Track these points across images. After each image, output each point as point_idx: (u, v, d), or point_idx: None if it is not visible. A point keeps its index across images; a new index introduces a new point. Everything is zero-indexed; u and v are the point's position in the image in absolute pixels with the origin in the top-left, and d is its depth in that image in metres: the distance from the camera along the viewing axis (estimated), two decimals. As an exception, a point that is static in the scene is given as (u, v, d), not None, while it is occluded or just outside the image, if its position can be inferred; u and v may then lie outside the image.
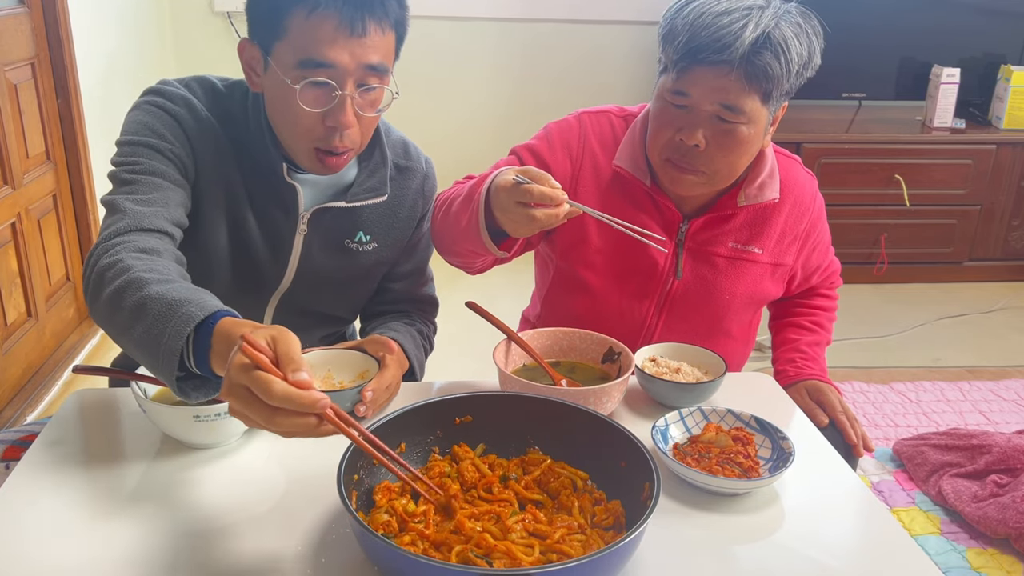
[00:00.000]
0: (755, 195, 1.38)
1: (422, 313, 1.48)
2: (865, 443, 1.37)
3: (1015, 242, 3.74)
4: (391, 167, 1.36)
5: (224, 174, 1.25)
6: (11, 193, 2.41)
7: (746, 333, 1.55)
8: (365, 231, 1.36)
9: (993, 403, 2.75)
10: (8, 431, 1.22)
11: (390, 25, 1.16)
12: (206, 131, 1.23)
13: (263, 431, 1.10)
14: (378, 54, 1.15)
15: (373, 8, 1.13)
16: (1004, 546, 2.01)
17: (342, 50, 1.13)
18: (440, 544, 0.89)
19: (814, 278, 1.55)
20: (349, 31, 1.11)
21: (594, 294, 1.44)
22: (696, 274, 1.42)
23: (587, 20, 4.00)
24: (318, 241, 1.33)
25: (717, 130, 1.27)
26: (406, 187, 1.39)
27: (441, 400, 1.04)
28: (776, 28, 1.21)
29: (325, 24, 1.11)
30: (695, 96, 1.26)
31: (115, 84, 3.09)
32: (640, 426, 1.18)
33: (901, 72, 3.76)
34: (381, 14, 1.14)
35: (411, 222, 1.41)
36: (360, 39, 1.13)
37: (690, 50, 1.23)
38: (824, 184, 3.60)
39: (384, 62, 1.17)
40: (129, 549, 0.92)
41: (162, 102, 1.22)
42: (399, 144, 1.40)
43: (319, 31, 1.11)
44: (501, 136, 3.76)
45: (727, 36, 1.20)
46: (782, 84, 1.25)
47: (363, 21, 1.12)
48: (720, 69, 1.22)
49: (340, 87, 1.14)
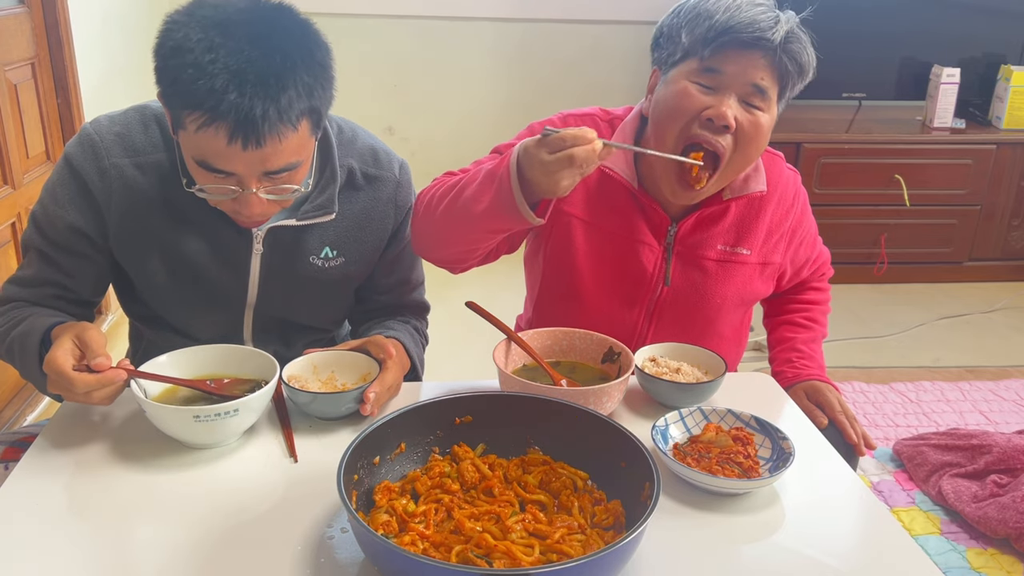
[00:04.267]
0: (740, 188, 1.38)
1: (413, 315, 1.46)
2: (866, 442, 1.37)
3: (1015, 242, 3.74)
4: (359, 176, 1.31)
5: (155, 209, 1.22)
6: (11, 193, 2.41)
7: (738, 333, 1.55)
8: (332, 246, 1.31)
9: (993, 403, 2.74)
10: (7, 432, 1.22)
11: (295, 123, 1.06)
12: (116, 181, 1.20)
13: (263, 431, 1.15)
14: (281, 158, 1.08)
15: (267, 119, 1.02)
16: (1004, 546, 2.01)
17: (236, 162, 1.06)
18: (440, 544, 0.89)
19: (804, 271, 1.55)
20: (241, 147, 1.04)
21: (583, 302, 1.44)
22: (686, 279, 1.42)
23: (585, 20, 4.00)
24: (278, 258, 1.29)
25: (741, 117, 1.26)
26: (375, 198, 1.33)
27: (441, 400, 1.04)
28: (798, 27, 1.26)
29: (216, 139, 1.03)
30: (729, 74, 1.24)
31: (115, 84, 3.09)
32: (640, 426, 1.18)
33: (901, 72, 3.76)
34: (277, 120, 1.03)
35: (382, 234, 1.36)
36: (257, 151, 1.05)
37: (730, 27, 1.23)
38: (824, 184, 3.61)
39: (292, 161, 1.10)
40: (129, 549, 0.92)
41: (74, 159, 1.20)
42: (367, 152, 1.33)
43: (211, 143, 1.04)
44: (498, 135, 3.75)
45: (767, 20, 1.23)
46: (798, 82, 1.28)
47: (256, 135, 1.03)
48: (757, 50, 1.24)
49: (241, 187, 1.10)
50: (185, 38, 1.02)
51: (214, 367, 1.18)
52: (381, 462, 1.00)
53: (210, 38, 1.01)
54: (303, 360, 1.21)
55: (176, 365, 1.16)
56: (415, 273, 1.46)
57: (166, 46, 1.04)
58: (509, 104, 4.14)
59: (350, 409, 1.16)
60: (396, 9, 3.91)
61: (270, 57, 1.03)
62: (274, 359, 1.15)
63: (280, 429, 1.15)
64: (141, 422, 1.12)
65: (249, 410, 1.09)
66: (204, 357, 1.18)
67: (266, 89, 1.02)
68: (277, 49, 1.04)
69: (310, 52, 1.08)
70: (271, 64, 1.02)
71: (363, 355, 1.23)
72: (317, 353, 1.23)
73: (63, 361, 1.03)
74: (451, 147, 4.19)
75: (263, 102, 1.02)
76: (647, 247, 1.39)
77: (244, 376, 1.18)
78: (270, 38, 1.04)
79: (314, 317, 1.40)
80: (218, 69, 1.00)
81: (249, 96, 1.01)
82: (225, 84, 1.00)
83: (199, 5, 1.05)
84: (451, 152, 4.21)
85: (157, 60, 1.05)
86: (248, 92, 1.01)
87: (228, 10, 1.04)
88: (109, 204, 1.22)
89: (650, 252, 1.40)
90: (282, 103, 1.03)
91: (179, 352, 1.17)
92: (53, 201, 1.22)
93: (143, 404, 1.07)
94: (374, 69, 4.01)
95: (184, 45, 1.02)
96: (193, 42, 1.01)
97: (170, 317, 1.34)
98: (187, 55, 1.01)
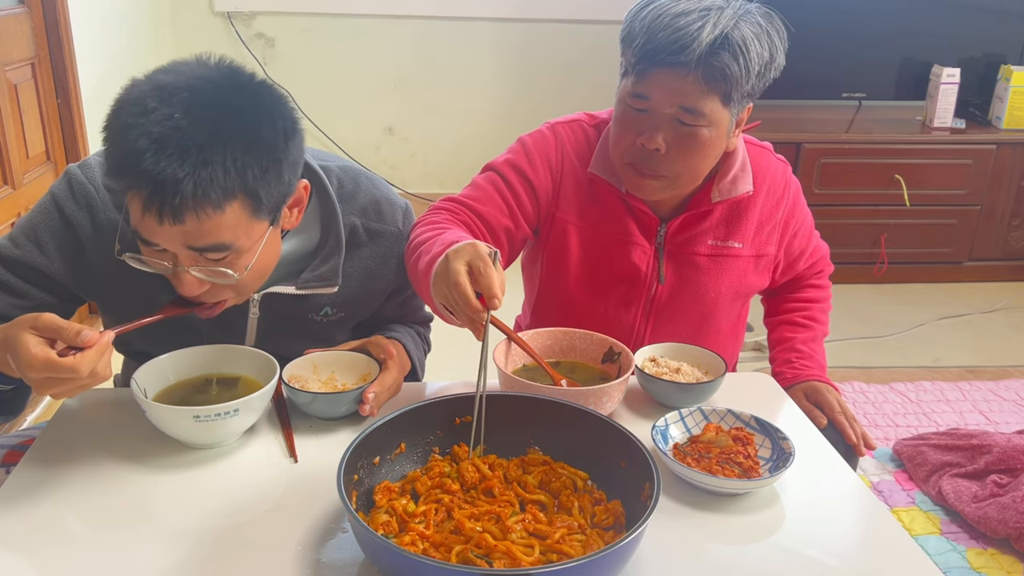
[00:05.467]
0: (728, 189, 1.38)
1: (417, 323, 1.45)
2: (866, 441, 1.37)
3: (1015, 242, 3.74)
4: (362, 232, 1.26)
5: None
6: (11, 193, 2.41)
7: (735, 327, 1.55)
8: (332, 305, 1.27)
9: (993, 403, 2.74)
10: (7, 436, 1.22)
11: (218, 202, 0.97)
12: (112, 236, 1.11)
13: (263, 431, 1.15)
14: (208, 238, 1.00)
15: (179, 193, 0.94)
16: (1004, 546, 2.01)
17: (155, 233, 0.99)
18: (440, 544, 0.89)
19: (800, 264, 1.54)
20: (156, 219, 0.96)
21: (580, 305, 1.44)
22: (679, 276, 1.42)
23: (585, 20, 4.01)
24: (273, 319, 1.25)
25: (678, 133, 1.26)
26: (378, 255, 1.28)
27: (441, 400, 1.04)
28: (735, 29, 1.20)
29: (135, 204, 0.98)
30: (655, 99, 1.25)
31: (115, 84, 3.08)
32: (640, 426, 1.18)
33: (901, 72, 3.76)
34: (192, 195, 0.95)
35: (385, 288, 1.32)
36: (175, 226, 0.97)
37: (647, 52, 1.22)
38: (824, 184, 3.61)
39: (222, 242, 1.01)
40: (129, 550, 0.92)
41: (66, 207, 1.14)
42: (370, 206, 1.27)
43: (134, 208, 0.99)
44: (497, 135, 3.75)
45: (684, 37, 1.19)
46: (742, 85, 1.23)
47: (171, 208, 0.95)
48: (678, 71, 1.21)
49: (172, 263, 1.04)
50: (128, 99, 0.98)
51: (214, 367, 1.18)
52: (381, 462, 1.00)
53: (146, 101, 0.96)
54: (303, 360, 1.21)
55: (176, 365, 1.16)
56: (419, 300, 1.42)
57: (114, 106, 0.99)
58: (509, 104, 4.14)
59: (350, 409, 1.16)
60: (396, 9, 3.92)
61: (199, 126, 0.95)
62: (274, 359, 1.15)
63: (280, 429, 1.15)
64: (141, 422, 1.12)
65: (249, 410, 1.09)
66: (204, 357, 1.18)
67: (184, 159, 0.94)
68: (211, 119, 0.96)
69: (254, 130, 0.99)
70: (197, 133, 0.95)
71: (363, 355, 1.23)
72: (317, 353, 1.23)
73: (44, 352, 0.90)
74: (451, 147, 4.20)
75: (178, 172, 0.94)
76: (638, 247, 1.40)
77: (243, 376, 1.18)
78: (209, 108, 0.97)
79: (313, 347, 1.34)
80: (142, 132, 0.94)
81: (164, 164, 0.93)
82: (144, 148, 0.94)
83: (162, 69, 1.01)
84: (451, 152, 4.22)
85: (104, 120, 1.00)
86: (163, 160, 0.93)
87: (183, 75, 0.99)
88: (100, 259, 1.15)
89: (642, 252, 1.40)
90: (201, 176, 0.95)
91: (179, 352, 1.17)
92: (36, 247, 1.14)
93: (143, 404, 1.07)
94: (374, 69, 4.01)
95: (123, 106, 0.97)
96: (131, 103, 0.97)
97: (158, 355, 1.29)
98: (122, 116, 0.97)
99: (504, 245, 1.38)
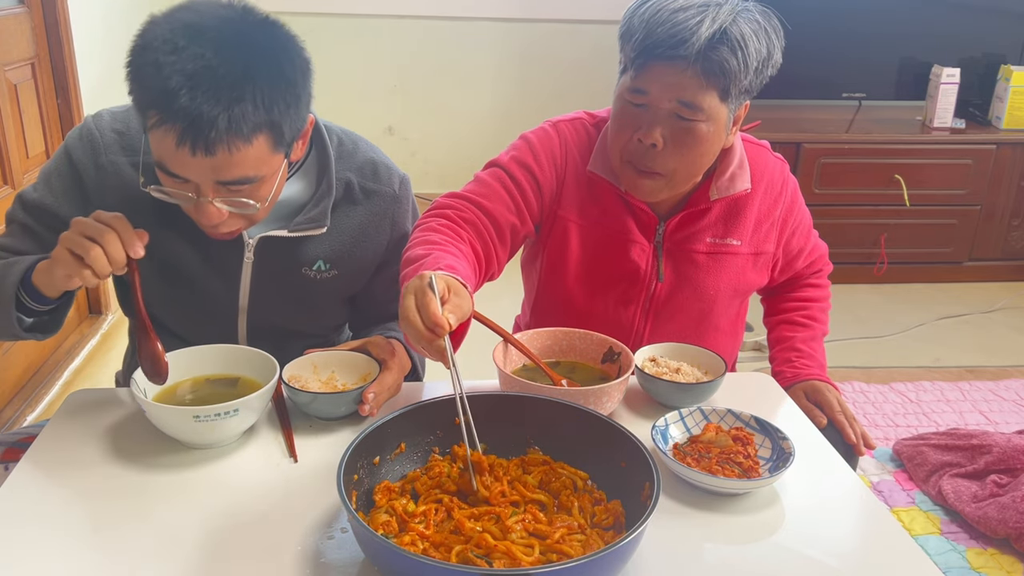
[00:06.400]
0: (726, 187, 1.38)
1: None
2: (865, 441, 1.37)
3: (1015, 242, 3.74)
4: (357, 190, 1.30)
5: (148, 211, 1.20)
6: (11, 193, 2.41)
7: (734, 325, 1.55)
8: (325, 260, 1.30)
9: (993, 403, 2.74)
10: (7, 433, 1.22)
11: (247, 135, 1.03)
12: (112, 178, 1.21)
13: (263, 431, 1.15)
14: (235, 171, 1.05)
15: (215, 127, 1.00)
16: (1004, 546, 2.01)
17: (188, 167, 1.05)
18: (440, 544, 0.89)
19: (798, 262, 1.54)
20: (190, 152, 1.01)
21: (579, 305, 1.44)
22: (678, 274, 1.42)
23: (586, 20, 4.01)
24: (269, 268, 1.28)
25: (676, 128, 1.26)
26: (371, 213, 1.31)
27: (441, 400, 1.04)
28: (733, 24, 1.21)
29: (167, 141, 1.02)
30: (653, 93, 1.25)
31: (115, 84, 3.09)
32: (640, 426, 1.18)
33: (901, 72, 3.76)
34: (226, 130, 1.00)
35: (377, 249, 1.34)
36: (207, 159, 1.03)
37: (647, 47, 1.23)
38: (824, 184, 3.61)
39: (248, 175, 1.07)
40: (129, 550, 0.92)
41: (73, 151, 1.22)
42: (367, 165, 1.31)
43: (165, 145, 1.03)
44: (498, 135, 3.75)
45: (683, 32, 1.20)
46: (740, 81, 1.24)
47: (205, 142, 1.01)
48: (677, 65, 1.22)
49: (196, 194, 1.08)
50: (154, 37, 1.01)
51: (214, 367, 1.18)
52: (381, 462, 1.00)
53: (175, 39, 1.00)
54: (303, 360, 1.21)
55: (176, 365, 1.16)
56: None
57: (137, 43, 1.03)
58: (509, 105, 4.14)
59: (350, 409, 1.16)
60: (397, 9, 3.92)
61: (230, 65, 1.00)
62: (274, 359, 1.15)
63: (280, 429, 1.15)
64: (141, 422, 1.12)
65: (249, 410, 1.09)
66: (204, 357, 1.18)
67: (218, 96, 0.99)
68: (240, 58, 1.01)
69: (278, 67, 1.05)
70: (229, 72, 1.00)
71: (363, 355, 1.23)
72: (317, 353, 1.23)
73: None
74: (451, 147, 4.20)
75: (213, 109, 0.99)
76: (637, 245, 1.40)
77: (243, 376, 1.18)
78: (237, 47, 1.02)
79: (307, 324, 1.39)
80: (175, 70, 0.98)
81: (200, 101, 0.98)
82: (179, 86, 0.98)
83: (181, 7, 1.04)
84: (451, 152, 4.22)
85: (128, 56, 1.05)
86: (199, 97, 0.98)
87: (205, 15, 1.03)
88: (102, 200, 1.20)
89: (641, 251, 1.41)
90: (234, 112, 1.00)
91: (179, 352, 1.17)
92: (48, 190, 1.23)
93: (143, 404, 1.07)
94: (375, 69, 4.01)
95: (151, 44, 1.01)
96: (160, 41, 1.00)
97: (164, 319, 1.33)
98: (151, 54, 1.00)
99: (507, 242, 1.38)
